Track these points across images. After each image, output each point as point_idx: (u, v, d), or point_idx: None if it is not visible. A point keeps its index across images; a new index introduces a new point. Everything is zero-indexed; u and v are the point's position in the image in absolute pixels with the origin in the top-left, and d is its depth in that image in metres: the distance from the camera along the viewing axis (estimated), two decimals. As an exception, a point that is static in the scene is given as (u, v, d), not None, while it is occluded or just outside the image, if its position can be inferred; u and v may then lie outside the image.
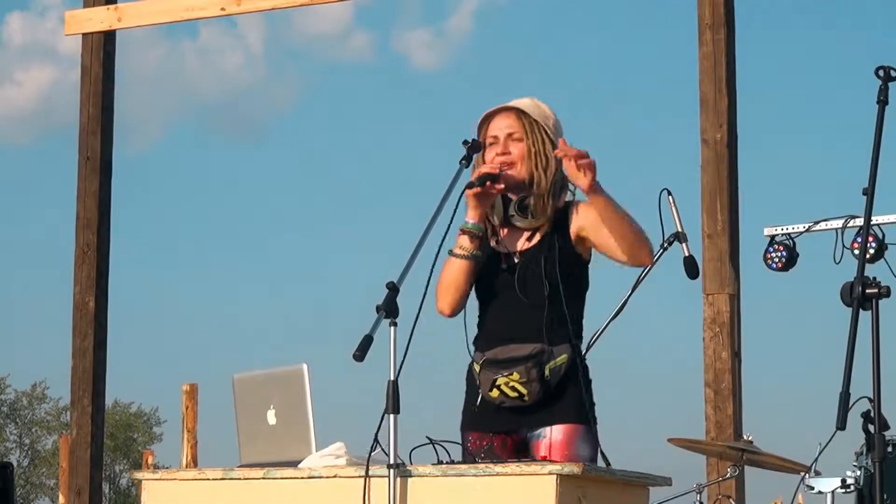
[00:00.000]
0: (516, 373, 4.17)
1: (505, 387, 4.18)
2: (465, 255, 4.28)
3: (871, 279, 3.75)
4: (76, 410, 8.98)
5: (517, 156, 4.31)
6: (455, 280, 4.30)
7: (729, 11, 7.71)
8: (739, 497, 7.13)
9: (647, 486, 4.05)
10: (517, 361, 4.17)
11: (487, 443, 4.26)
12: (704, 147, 7.58)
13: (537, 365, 4.17)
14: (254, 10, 8.92)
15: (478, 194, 4.25)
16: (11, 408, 54.41)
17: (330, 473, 3.87)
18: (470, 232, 4.28)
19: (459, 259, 4.28)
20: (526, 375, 4.16)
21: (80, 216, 9.13)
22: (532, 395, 4.17)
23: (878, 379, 3.72)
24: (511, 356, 4.19)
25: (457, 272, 4.29)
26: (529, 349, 4.18)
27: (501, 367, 4.19)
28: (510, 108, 4.36)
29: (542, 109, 4.38)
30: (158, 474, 4.20)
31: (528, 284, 4.25)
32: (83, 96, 9.19)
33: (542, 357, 4.18)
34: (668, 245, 4.88)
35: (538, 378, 4.16)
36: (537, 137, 4.32)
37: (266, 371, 4.14)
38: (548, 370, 4.18)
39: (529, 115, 4.34)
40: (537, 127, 4.33)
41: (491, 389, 4.20)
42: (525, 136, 4.32)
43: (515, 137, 4.33)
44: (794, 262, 8.41)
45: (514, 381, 4.17)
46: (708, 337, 7.44)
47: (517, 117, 4.34)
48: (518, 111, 4.35)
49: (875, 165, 3.89)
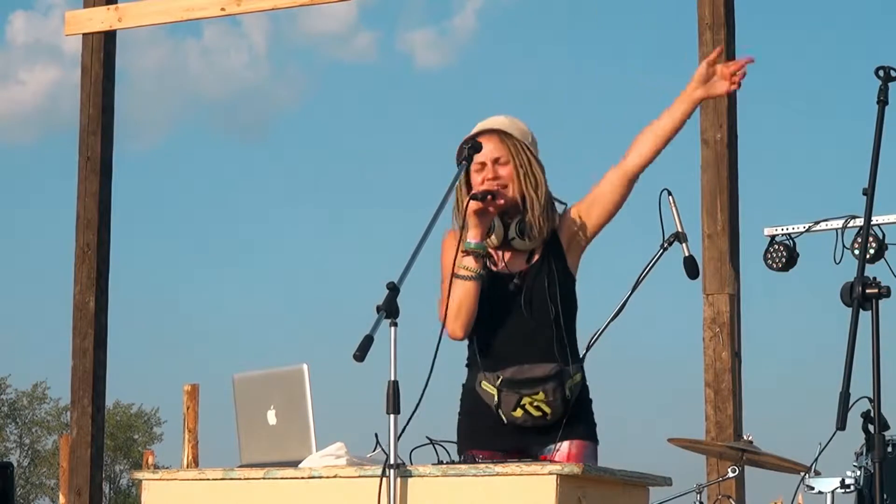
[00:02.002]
0: (542, 392, 4.20)
1: (530, 406, 4.21)
2: (471, 275, 4.26)
3: (871, 279, 3.75)
4: (76, 410, 8.98)
5: (507, 177, 4.29)
6: (465, 302, 4.27)
7: (729, 11, 7.71)
8: (739, 497, 7.13)
9: (647, 486, 4.05)
10: (541, 381, 4.21)
11: (498, 461, 4.26)
12: (704, 147, 7.58)
13: (560, 385, 4.21)
14: (254, 10, 8.92)
15: (478, 212, 4.23)
16: (12, 408, 54.43)
17: (330, 473, 3.87)
18: (474, 252, 4.26)
19: (466, 280, 4.26)
20: (552, 395, 4.20)
21: (80, 216, 9.13)
22: (555, 413, 4.22)
23: (878, 379, 3.72)
24: (533, 376, 4.21)
25: (465, 294, 4.26)
26: (549, 369, 4.21)
27: (524, 386, 4.21)
28: (492, 131, 4.32)
29: (519, 127, 4.36)
30: (159, 474, 4.20)
31: (534, 305, 4.27)
32: (83, 96, 9.19)
33: (563, 376, 4.22)
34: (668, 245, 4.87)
35: (561, 397, 4.21)
36: (523, 158, 4.31)
37: (266, 371, 4.14)
38: (569, 389, 4.22)
39: (512, 136, 4.32)
40: (521, 147, 4.31)
41: (515, 409, 4.22)
42: (511, 159, 4.30)
43: (502, 161, 4.30)
44: (794, 262, 8.41)
45: (538, 401, 4.21)
46: (708, 337, 7.44)
47: (500, 140, 4.31)
48: (500, 133, 4.32)
49: (875, 165, 3.89)
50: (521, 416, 4.22)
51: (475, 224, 4.24)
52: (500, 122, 4.35)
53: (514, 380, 4.22)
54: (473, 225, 4.24)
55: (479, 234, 4.26)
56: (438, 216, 4.09)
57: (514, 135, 4.32)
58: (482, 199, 4.22)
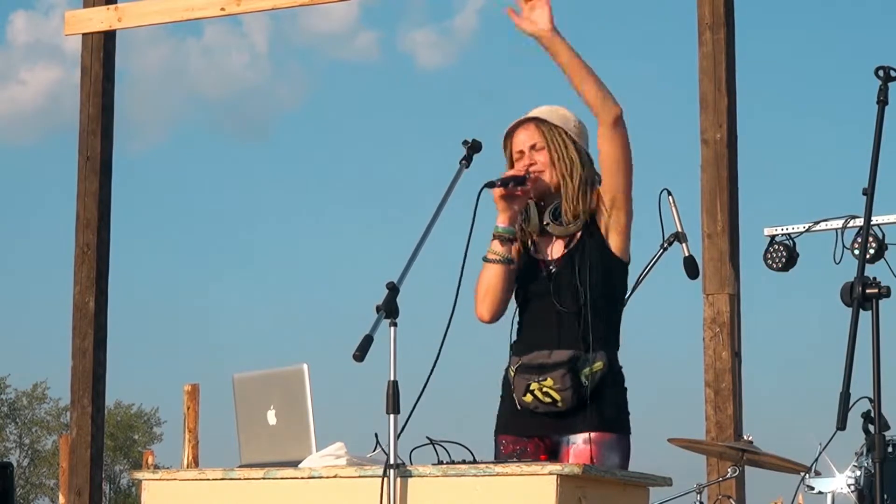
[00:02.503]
0: (550, 378, 4.19)
1: (538, 392, 4.20)
2: (497, 259, 4.31)
3: (871, 279, 3.75)
4: (76, 410, 8.98)
5: (543, 163, 4.32)
6: (491, 285, 4.32)
7: (729, 11, 7.71)
8: (739, 497, 7.13)
9: (647, 486, 4.05)
10: (552, 367, 4.20)
11: (521, 447, 4.28)
12: (704, 147, 7.58)
13: (572, 371, 4.18)
14: (254, 9, 8.92)
15: (504, 196, 4.28)
16: (11, 408, 54.42)
17: (330, 473, 3.87)
18: (501, 236, 4.31)
19: (493, 264, 4.31)
20: (560, 382, 4.18)
21: (80, 216, 9.14)
22: (566, 401, 4.19)
23: (878, 379, 3.72)
24: (545, 362, 4.21)
25: (492, 277, 4.32)
26: (565, 355, 4.20)
27: (535, 372, 4.22)
28: (528, 119, 4.37)
29: (560, 114, 4.39)
30: (159, 474, 4.20)
31: (562, 292, 4.26)
32: (83, 96, 9.19)
33: (576, 363, 4.19)
34: (668, 245, 4.87)
35: (572, 384, 4.18)
36: (559, 143, 4.33)
37: (266, 371, 4.14)
38: (584, 377, 4.19)
39: (548, 122, 4.35)
40: (557, 132, 4.34)
41: (525, 394, 4.22)
42: (546, 145, 4.33)
43: (538, 148, 4.34)
44: (794, 262, 8.40)
45: (547, 387, 4.20)
46: (708, 337, 7.44)
47: (536, 127, 4.36)
48: (536, 120, 4.36)
49: (875, 165, 3.89)
50: (532, 401, 4.21)
51: (503, 209, 4.31)
52: (539, 111, 4.39)
53: (529, 365, 4.23)
54: (502, 210, 4.31)
55: (507, 218, 4.31)
56: (438, 216, 4.09)
57: (552, 121, 4.35)
58: (504, 186, 4.26)
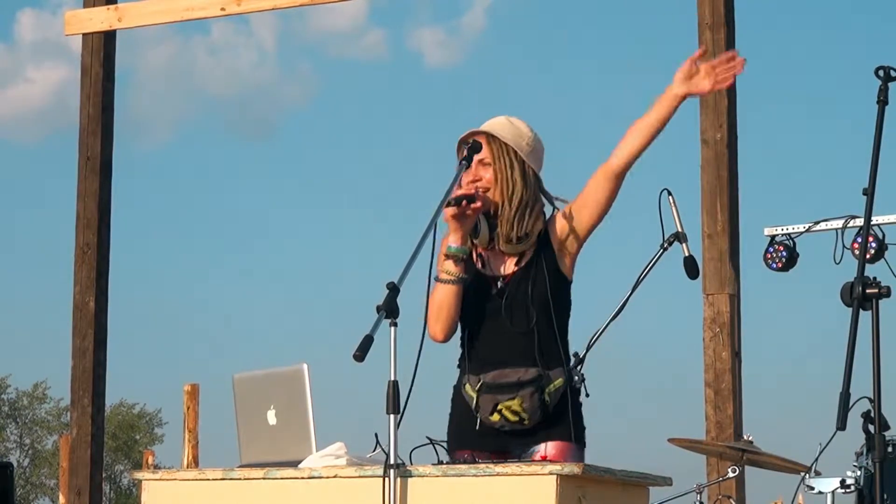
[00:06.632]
0: (519, 398, 4.20)
1: (507, 411, 4.21)
2: (451, 279, 4.27)
3: (871, 279, 3.75)
4: (76, 410, 8.99)
5: (488, 180, 4.31)
6: (444, 305, 4.28)
7: (729, 11, 7.72)
8: (739, 497, 7.13)
9: (647, 486, 4.05)
10: (518, 386, 4.20)
11: (482, 461, 4.26)
12: (704, 147, 7.59)
13: (538, 390, 4.20)
14: (254, 10, 8.93)
15: (456, 216, 4.23)
16: (12, 407, 54.43)
17: (330, 473, 3.87)
18: (454, 256, 4.27)
19: (446, 284, 4.28)
20: (529, 401, 4.19)
21: (80, 216, 9.14)
22: (533, 419, 4.21)
23: (878, 379, 3.72)
24: (511, 381, 4.21)
25: (445, 297, 4.28)
26: (528, 374, 4.21)
27: (502, 391, 4.21)
28: (481, 133, 4.33)
29: (516, 128, 4.36)
30: (159, 474, 4.20)
31: (514, 311, 4.26)
32: (83, 96, 9.20)
33: (541, 382, 4.21)
34: (668, 245, 4.86)
35: (539, 403, 4.20)
36: (505, 163, 4.31)
37: (266, 371, 4.14)
38: (547, 395, 4.21)
39: (498, 139, 4.32)
40: (505, 151, 4.31)
41: (492, 413, 4.22)
42: (493, 161, 4.31)
43: (485, 163, 4.31)
44: (794, 262, 8.41)
45: (515, 406, 4.20)
46: (708, 337, 7.44)
47: (487, 142, 4.32)
48: (487, 136, 4.33)
49: (875, 165, 3.89)
50: (499, 420, 4.22)
51: (454, 228, 4.26)
52: (496, 123, 4.36)
53: (492, 384, 4.23)
54: (453, 229, 4.26)
55: (458, 238, 4.26)
56: (438, 216, 4.09)
57: (504, 137, 4.32)
58: (457, 204, 4.22)
